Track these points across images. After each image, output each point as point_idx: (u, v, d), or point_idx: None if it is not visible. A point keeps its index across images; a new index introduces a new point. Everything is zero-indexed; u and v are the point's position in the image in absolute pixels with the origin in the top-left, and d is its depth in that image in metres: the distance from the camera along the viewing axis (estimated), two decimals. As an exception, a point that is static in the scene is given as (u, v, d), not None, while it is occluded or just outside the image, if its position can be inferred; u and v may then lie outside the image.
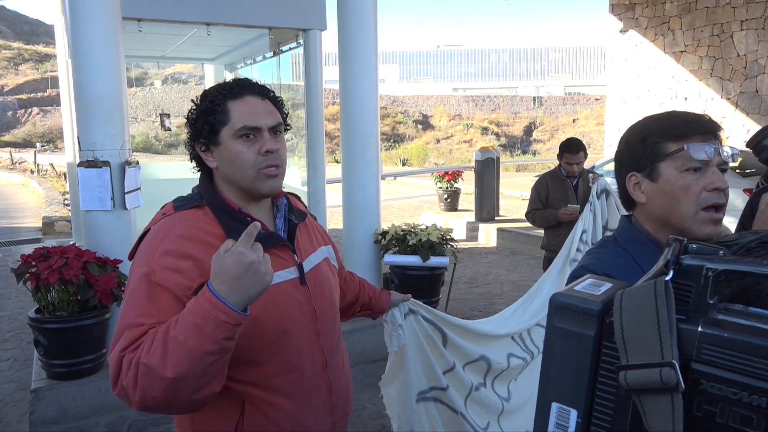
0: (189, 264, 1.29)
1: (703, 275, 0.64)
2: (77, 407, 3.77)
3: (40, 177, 19.94)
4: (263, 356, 1.36)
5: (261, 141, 1.39)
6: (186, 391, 1.16)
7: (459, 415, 2.31)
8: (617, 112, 12.44)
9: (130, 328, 1.24)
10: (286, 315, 1.39)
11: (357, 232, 4.94)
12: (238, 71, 7.89)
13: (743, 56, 10.15)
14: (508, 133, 38.65)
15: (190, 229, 1.35)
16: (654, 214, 1.26)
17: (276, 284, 1.38)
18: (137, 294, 1.28)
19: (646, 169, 1.25)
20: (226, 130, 1.39)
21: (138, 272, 1.30)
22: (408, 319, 2.16)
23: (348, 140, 4.92)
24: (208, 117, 1.39)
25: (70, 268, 3.59)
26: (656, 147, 1.23)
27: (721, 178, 1.19)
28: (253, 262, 1.15)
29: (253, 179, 1.39)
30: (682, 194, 1.20)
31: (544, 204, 4.58)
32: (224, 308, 1.13)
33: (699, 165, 1.19)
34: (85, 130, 3.94)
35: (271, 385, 1.38)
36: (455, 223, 10.03)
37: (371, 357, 4.52)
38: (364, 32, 4.80)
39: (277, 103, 1.47)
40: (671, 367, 0.57)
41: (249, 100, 1.40)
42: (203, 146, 1.43)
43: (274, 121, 1.42)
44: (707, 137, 1.20)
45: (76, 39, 3.92)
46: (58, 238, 9.86)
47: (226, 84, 1.44)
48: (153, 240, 1.35)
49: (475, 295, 6.67)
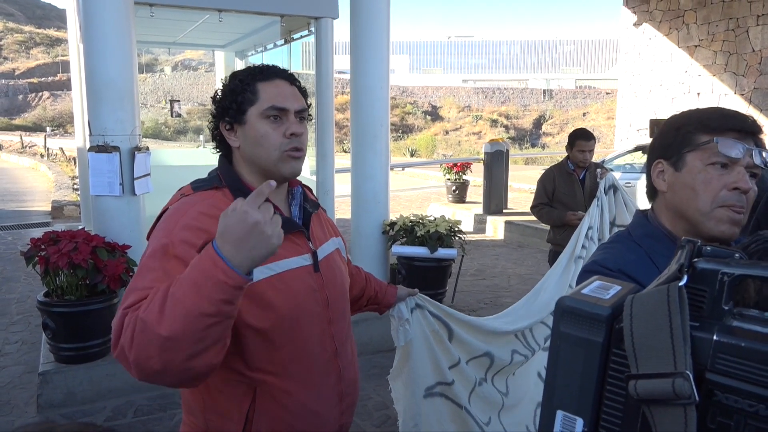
0: (206, 238, 1.27)
1: (718, 280, 0.61)
2: (84, 391, 3.80)
3: (50, 161, 20.05)
4: (277, 341, 1.36)
5: (287, 123, 1.41)
6: (181, 355, 1.09)
7: (463, 410, 2.31)
8: (629, 107, 12.33)
9: (138, 290, 1.21)
10: (300, 301, 1.40)
11: (365, 222, 4.93)
12: (249, 59, 7.87)
13: (758, 52, 10.02)
14: (518, 126, 38.47)
15: (210, 208, 1.35)
16: (672, 205, 1.23)
17: (291, 270, 1.40)
18: (152, 263, 1.26)
19: (673, 158, 1.22)
20: (253, 110, 1.40)
21: (156, 243, 1.29)
22: (415, 314, 2.15)
23: (358, 130, 4.90)
24: (237, 96, 1.40)
25: (79, 253, 3.61)
26: (688, 136, 1.20)
27: (745, 179, 1.14)
28: (257, 222, 1.09)
29: (277, 160, 1.40)
30: (701, 187, 1.17)
31: (550, 198, 4.52)
32: (225, 267, 1.08)
33: (726, 161, 1.15)
34: (96, 115, 3.94)
35: (284, 371, 1.38)
36: (463, 215, 10.01)
37: (377, 347, 4.53)
38: (377, 21, 4.77)
39: (303, 91, 1.49)
40: (685, 377, 0.54)
41: (278, 83, 1.43)
42: (228, 125, 1.43)
43: (300, 106, 1.44)
44: (743, 136, 1.16)
45: (88, 24, 3.91)
46: (67, 222, 9.91)
47: (256, 67, 1.46)
48: (172, 216, 1.35)
49: (481, 288, 6.65)
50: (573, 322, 0.64)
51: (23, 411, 3.74)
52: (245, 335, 1.33)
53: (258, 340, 1.34)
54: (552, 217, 4.44)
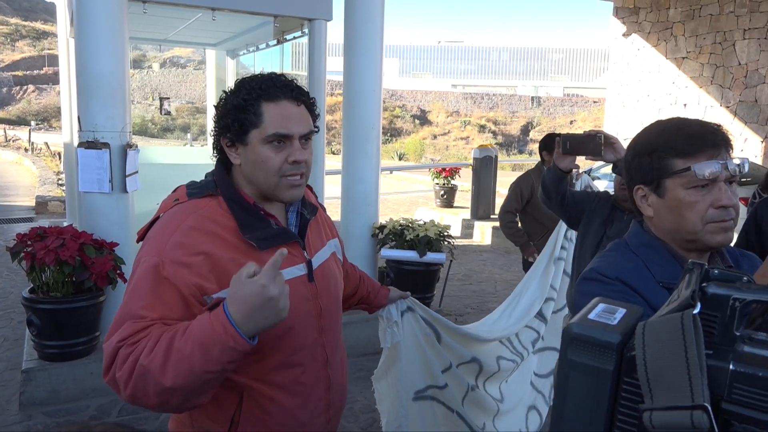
0: (200, 259, 1.28)
1: (730, 305, 0.60)
2: (68, 389, 3.76)
3: (34, 156, 19.79)
4: (266, 351, 1.35)
5: (290, 149, 1.35)
6: (177, 400, 1.17)
7: (455, 413, 2.32)
8: (617, 116, 12.46)
9: (131, 319, 1.22)
10: (293, 312, 1.36)
11: (355, 225, 4.92)
12: (240, 58, 7.83)
13: (744, 65, 10.18)
14: (506, 132, 38.68)
15: (203, 221, 1.33)
16: (662, 228, 1.25)
17: (286, 281, 1.38)
18: (143, 285, 1.26)
19: (653, 184, 1.24)
20: (256, 133, 1.34)
21: (147, 262, 1.28)
22: (405, 317, 2.16)
23: (350, 133, 4.90)
24: (239, 114, 1.34)
25: (67, 249, 3.57)
26: (663, 162, 1.21)
27: (727, 195, 1.17)
28: (272, 298, 1.12)
29: (275, 186, 1.36)
30: (687, 212, 1.19)
31: (524, 204, 4.51)
32: (235, 335, 1.12)
33: (706, 182, 1.17)
34: (86, 111, 3.90)
35: (271, 379, 1.37)
36: (451, 219, 10.04)
37: (364, 350, 4.52)
38: (371, 24, 4.78)
39: (311, 106, 1.42)
40: (704, 410, 0.53)
41: (284, 105, 1.35)
42: (229, 141, 1.38)
43: (306, 129, 1.37)
44: (716, 152, 1.17)
45: (80, 19, 3.87)
46: (51, 217, 9.79)
47: (262, 81, 1.37)
48: (164, 229, 1.32)
49: (468, 293, 6.68)
50: (582, 350, 0.63)
51: (5, 409, 3.69)
52: None
53: None
54: (516, 238, 4.50)
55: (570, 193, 2.56)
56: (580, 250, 2.52)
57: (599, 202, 2.56)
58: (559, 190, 2.46)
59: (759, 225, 2.27)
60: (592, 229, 2.48)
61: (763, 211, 2.28)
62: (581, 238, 2.54)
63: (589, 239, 2.46)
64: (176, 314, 1.25)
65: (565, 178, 2.41)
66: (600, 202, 2.56)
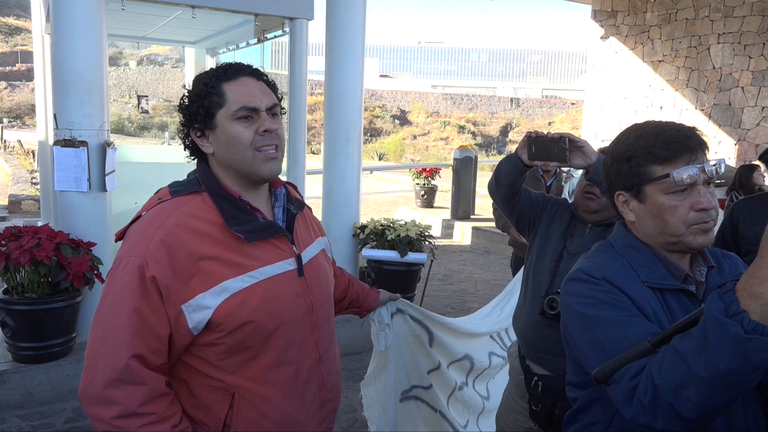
0: (184, 259, 1.26)
1: None
2: (43, 392, 3.69)
3: (7, 153, 19.40)
4: (258, 349, 1.33)
5: (259, 121, 1.35)
6: None
7: (438, 413, 2.33)
8: (595, 118, 12.61)
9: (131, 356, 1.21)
10: (284, 308, 1.37)
11: (336, 225, 4.92)
12: (220, 56, 7.76)
13: (719, 69, 10.37)
14: (485, 133, 38.89)
15: (188, 218, 1.31)
16: (645, 232, 1.27)
17: (275, 276, 1.36)
18: (129, 288, 1.23)
19: (633, 189, 1.26)
20: (222, 113, 1.34)
21: (131, 263, 1.25)
22: (395, 319, 2.16)
23: (331, 133, 4.89)
24: (203, 100, 1.34)
25: (42, 249, 3.51)
26: (641, 169, 1.23)
27: (706, 197, 1.19)
28: None
29: (251, 161, 1.35)
30: (669, 216, 1.21)
31: None
32: None
33: (685, 187, 1.19)
34: (63, 108, 3.84)
35: (263, 378, 1.35)
36: (431, 219, 10.07)
37: (345, 350, 4.52)
38: (353, 24, 4.78)
39: (272, 85, 1.43)
40: None
41: (244, 81, 1.36)
42: (198, 131, 1.37)
43: (271, 102, 1.38)
44: (693, 156, 1.19)
45: (57, 15, 3.81)
46: (25, 217, 9.60)
47: (219, 67, 1.39)
48: (150, 226, 1.30)
49: (449, 293, 6.71)
50: None
51: (-22, 412, 3.61)
52: (224, 342, 1.30)
53: (237, 346, 1.31)
54: (503, 222, 4.50)
55: (526, 192, 2.22)
56: (536, 267, 2.14)
57: (557, 211, 2.21)
58: (513, 184, 2.12)
59: (735, 226, 2.31)
60: (551, 242, 2.14)
61: (740, 212, 2.33)
62: (537, 252, 2.17)
63: (548, 255, 2.11)
64: (162, 321, 1.24)
65: (525, 173, 2.09)
66: (559, 210, 2.21)
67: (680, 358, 0.98)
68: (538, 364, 2.07)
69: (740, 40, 10.03)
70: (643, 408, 1.03)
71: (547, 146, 1.91)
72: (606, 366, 1.09)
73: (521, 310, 2.18)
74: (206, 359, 1.32)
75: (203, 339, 1.30)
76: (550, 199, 2.26)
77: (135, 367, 1.21)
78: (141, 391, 1.21)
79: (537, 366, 2.08)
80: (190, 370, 1.33)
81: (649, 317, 1.17)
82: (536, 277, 2.11)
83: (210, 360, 1.32)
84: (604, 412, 1.23)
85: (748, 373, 0.93)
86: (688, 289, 1.23)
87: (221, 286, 1.28)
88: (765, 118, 9.81)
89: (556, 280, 2.02)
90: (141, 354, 1.22)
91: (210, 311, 1.27)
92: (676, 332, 1.02)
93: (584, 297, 1.21)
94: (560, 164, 1.91)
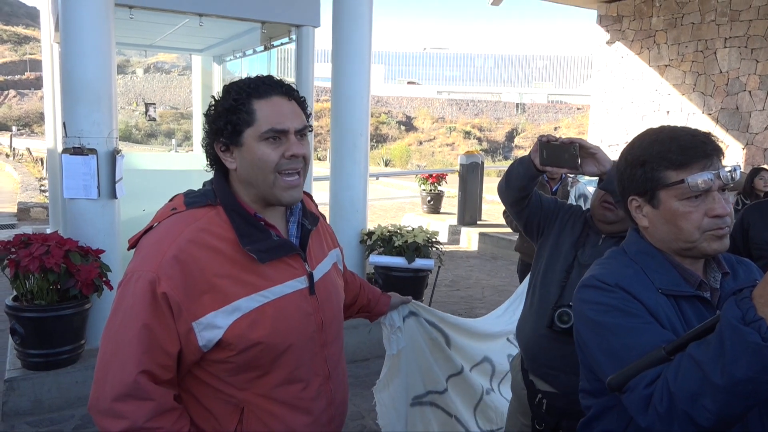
0: (196, 277, 1.25)
1: None
2: (52, 398, 3.69)
3: (16, 161, 19.54)
4: (267, 368, 1.33)
5: (287, 144, 1.32)
6: None
7: (453, 418, 2.31)
8: (601, 123, 12.58)
9: (140, 372, 1.21)
10: (294, 327, 1.35)
11: (343, 231, 4.92)
12: (227, 64, 7.81)
13: (725, 73, 10.33)
14: (491, 138, 38.88)
15: (201, 234, 1.29)
16: (658, 237, 1.25)
17: (286, 295, 1.35)
18: (140, 303, 1.23)
19: (647, 195, 1.24)
20: (250, 131, 1.30)
21: (143, 278, 1.24)
22: (408, 322, 2.14)
23: (338, 139, 4.89)
24: (231, 116, 1.30)
25: (52, 257, 3.52)
26: (655, 174, 1.21)
27: (721, 204, 1.17)
28: None
29: (273, 184, 1.32)
30: (683, 222, 1.19)
31: None
32: None
33: (699, 193, 1.17)
34: (72, 116, 3.86)
35: (273, 395, 1.34)
36: (437, 225, 10.06)
37: (352, 357, 4.51)
38: (359, 30, 4.79)
39: (302, 103, 1.40)
40: None
41: (276, 101, 1.33)
42: (223, 146, 1.34)
43: (301, 124, 1.35)
44: (708, 161, 1.18)
45: (66, 25, 3.84)
46: (34, 224, 9.65)
47: (250, 81, 1.34)
48: (161, 241, 1.28)
49: (456, 299, 6.69)
50: None
51: (-13, 419, 3.62)
52: (233, 360, 1.30)
53: (246, 364, 1.31)
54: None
55: (538, 196, 2.12)
56: (544, 277, 2.05)
57: (570, 219, 2.10)
58: (524, 188, 2.02)
59: (746, 231, 2.30)
60: (561, 252, 2.04)
61: (750, 217, 2.32)
62: (546, 260, 2.07)
63: (558, 265, 2.02)
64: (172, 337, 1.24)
65: (537, 178, 1.98)
66: (572, 218, 2.10)
67: (696, 366, 0.97)
68: (543, 380, 1.99)
69: (747, 44, 10.00)
70: (659, 416, 1.02)
71: (558, 152, 1.82)
72: (620, 373, 1.08)
73: (525, 321, 2.09)
74: (215, 374, 1.32)
75: (213, 356, 1.30)
76: (563, 205, 2.16)
77: (143, 382, 1.21)
78: (148, 406, 1.21)
79: (541, 382, 2.00)
80: (200, 383, 1.33)
81: (663, 324, 1.16)
82: (544, 288, 2.03)
83: (219, 375, 1.32)
84: (618, 421, 1.22)
85: (766, 381, 0.92)
86: (703, 296, 1.22)
87: (234, 305, 1.27)
88: (773, 122, 9.76)
89: (566, 291, 1.94)
90: (149, 370, 1.22)
91: (221, 331, 1.27)
92: (692, 340, 1.01)
93: (597, 304, 1.20)
94: (571, 171, 1.82)
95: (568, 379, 1.81)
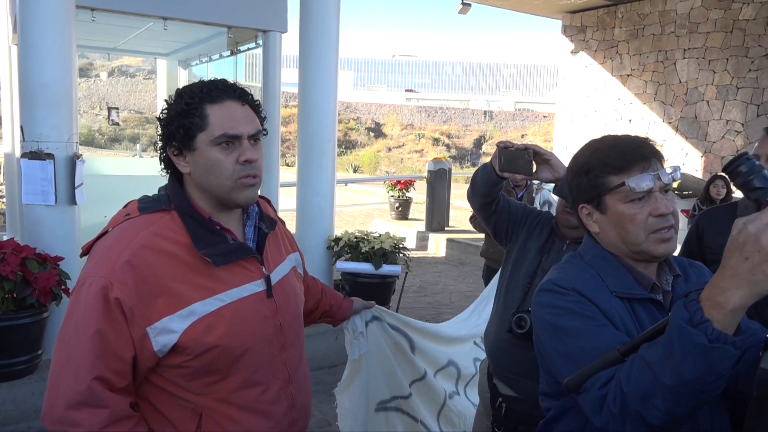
0: (150, 282, 1.24)
1: None
2: (7, 411, 3.57)
3: (-28, 166, 18.92)
4: (225, 371, 1.32)
5: (240, 149, 1.31)
6: None
7: (419, 423, 2.31)
8: (566, 130, 12.82)
9: (94, 378, 1.18)
10: (251, 330, 1.35)
11: (310, 237, 4.90)
12: (193, 68, 7.72)
13: (685, 83, 10.65)
14: (459, 145, 39.24)
15: (155, 239, 1.28)
16: (609, 242, 1.29)
17: (243, 298, 1.34)
18: (92, 309, 1.21)
19: (594, 201, 1.29)
20: (203, 136, 1.30)
21: (95, 283, 1.23)
22: (371, 327, 2.14)
23: (305, 145, 4.88)
24: (184, 120, 1.29)
25: (7, 264, 3.41)
26: (599, 180, 1.26)
27: (664, 203, 1.22)
28: None
29: (230, 189, 1.32)
30: (629, 224, 1.23)
31: None
32: None
33: (642, 194, 1.21)
34: (30, 120, 3.77)
35: (231, 399, 1.33)
36: (406, 231, 10.09)
37: (320, 364, 4.48)
38: (326, 37, 4.79)
39: (256, 108, 1.39)
40: None
41: (229, 105, 1.31)
42: (175, 150, 1.33)
43: (254, 129, 1.34)
44: (647, 164, 1.22)
45: (24, 26, 3.74)
46: (-9, 231, 9.36)
47: (203, 85, 1.33)
48: (113, 247, 1.27)
49: (423, 304, 6.71)
50: None
51: (-62, 433, 3.48)
52: (190, 365, 1.29)
53: (203, 369, 1.30)
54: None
55: (506, 202, 2.15)
56: (509, 282, 2.08)
57: (537, 225, 2.13)
58: (488, 194, 2.05)
59: (700, 236, 2.35)
60: (527, 257, 2.06)
61: (704, 223, 2.38)
62: (513, 266, 2.10)
63: (523, 270, 2.05)
64: (126, 343, 1.23)
65: (499, 184, 2.00)
66: (540, 224, 2.13)
67: (647, 367, 1.00)
68: (505, 384, 2.02)
69: (705, 55, 10.32)
70: (612, 416, 1.04)
71: (514, 158, 1.86)
72: (577, 375, 1.10)
73: (491, 325, 2.12)
74: (172, 380, 1.30)
75: (169, 361, 1.28)
76: (533, 211, 2.19)
77: (97, 389, 1.19)
78: (103, 414, 1.19)
79: (503, 385, 2.03)
80: (157, 389, 1.31)
81: (617, 326, 1.18)
82: (509, 293, 2.06)
83: (176, 381, 1.30)
84: (576, 421, 1.24)
85: (712, 381, 0.94)
86: (655, 298, 1.25)
87: (189, 309, 1.26)
88: (729, 131, 10.09)
89: (529, 297, 1.96)
90: (104, 376, 1.20)
91: (176, 335, 1.25)
92: (644, 341, 1.04)
93: (554, 307, 1.22)
94: (526, 177, 1.87)
95: (529, 384, 1.84)
